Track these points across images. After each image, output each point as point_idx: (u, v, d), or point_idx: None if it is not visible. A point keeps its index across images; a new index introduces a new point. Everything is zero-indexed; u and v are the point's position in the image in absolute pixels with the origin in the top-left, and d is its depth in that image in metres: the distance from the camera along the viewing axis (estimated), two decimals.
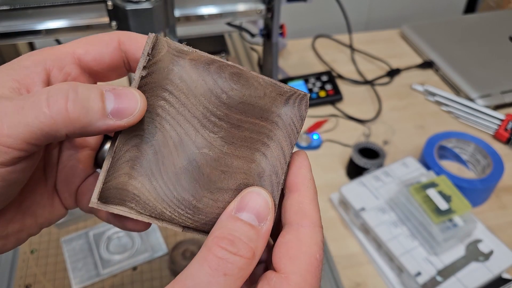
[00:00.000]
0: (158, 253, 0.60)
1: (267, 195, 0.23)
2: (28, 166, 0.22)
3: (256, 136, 0.24)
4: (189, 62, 0.23)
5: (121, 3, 0.55)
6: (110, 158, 0.22)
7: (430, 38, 1.05)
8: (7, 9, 0.60)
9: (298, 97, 0.24)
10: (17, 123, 0.19)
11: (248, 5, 0.70)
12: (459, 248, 0.60)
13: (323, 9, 1.12)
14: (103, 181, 0.22)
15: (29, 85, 0.23)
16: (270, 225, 0.22)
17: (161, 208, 0.23)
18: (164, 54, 0.22)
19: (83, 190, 0.28)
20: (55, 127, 0.20)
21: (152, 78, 0.22)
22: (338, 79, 0.96)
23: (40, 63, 0.23)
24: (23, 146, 0.20)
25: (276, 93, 0.24)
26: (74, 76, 0.25)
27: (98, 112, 0.20)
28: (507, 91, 0.91)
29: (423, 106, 0.91)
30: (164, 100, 0.23)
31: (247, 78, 0.23)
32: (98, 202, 0.22)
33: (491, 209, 0.71)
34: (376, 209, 0.64)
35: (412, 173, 0.69)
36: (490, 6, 1.30)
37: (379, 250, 0.62)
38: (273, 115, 0.24)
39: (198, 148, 0.23)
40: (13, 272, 0.59)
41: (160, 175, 0.23)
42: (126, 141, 0.22)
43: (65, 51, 0.24)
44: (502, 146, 0.83)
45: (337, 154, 0.79)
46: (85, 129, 0.20)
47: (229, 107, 0.23)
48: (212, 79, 0.23)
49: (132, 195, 0.22)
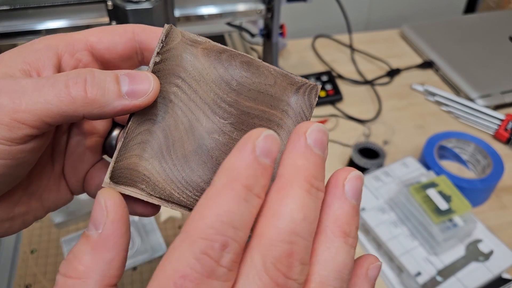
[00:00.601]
0: (158, 253, 0.60)
1: None
2: (38, 146, 0.22)
3: (266, 123, 0.24)
4: (202, 51, 0.24)
5: (121, 3, 0.55)
6: (122, 139, 0.23)
7: (430, 38, 1.05)
8: (7, 9, 0.60)
9: (309, 87, 0.24)
10: (36, 100, 0.20)
11: (248, 5, 0.70)
12: (459, 248, 0.60)
13: (323, 9, 1.12)
14: (115, 160, 0.23)
15: (39, 68, 0.23)
16: None
17: (169, 189, 0.23)
18: (178, 43, 0.24)
19: (91, 176, 0.28)
20: (74, 106, 0.21)
21: (165, 64, 0.23)
22: (338, 79, 0.96)
23: (52, 47, 0.24)
24: (37, 123, 0.21)
25: (287, 82, 0.24)
26: (85, 62, 0.25)
27: (114, 92, 0.21)
28: (507, 91, 0.91)
29: (423, 106, 0.91)
30: (176, 86, 0.24)
31: (257, 67, 0.24)
32: (110, 182, 0.23)
33: (491, 209, 0.71)
34: (376, 209, 0.64)
35: (412, 173, 0.69)
36: (490, 6, 1.30)
37: (379, 250, 0.62)
38: (283, 103, 0.24)
39: (208, 133, 0.24)
40: (13, 272, 0.59)
41: (170, 157, 0.23)
42: (138, 124, 0.23)
43: (78, 38, 0.25)
44: (502, 146, 0.83)
45: (337, 154, 0.79)
46: (103, 109, 0.21)
47: (239, 93, 0.24)
48: (223, 67, 0.24)
49: (142, 176, 0.23)
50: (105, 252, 0.18)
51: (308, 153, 0.18)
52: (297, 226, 0.17)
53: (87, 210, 0.65)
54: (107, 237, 0.18)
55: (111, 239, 0.18)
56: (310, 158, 0.18)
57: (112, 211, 0.19)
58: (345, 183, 0.19)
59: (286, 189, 0.17)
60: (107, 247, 0.18)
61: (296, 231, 0.17)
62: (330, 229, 0.19)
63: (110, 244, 0.18)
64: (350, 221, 0.19)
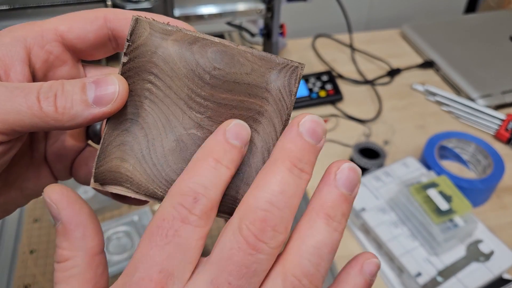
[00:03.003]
0: None
1: None
2: (10, 148, 0.22)
3: (246, 113, 0.23)
4: (172, 43, 0.23)
5: (120, 3, 0.55)
6: (100, 144, 0.23)
7: (431, 38, 1.05)
8: (7, 9, 0.60)
9: (290, 69, 0.23)
10: (9, 110, 0.20)
11: (248, 4, 0.70)
12: (459, 249, 0.60)
13: (323, 9, 1.12)
14: (95, 166, 0.23)
15: (8, 65, 0.22)
16: None
17: (152, 188, 0.23)
18: (146, 37, 0.22)
19: (79, 164, 0.28)
20: (46, 119, 0.21)
21: (135, 62, 0.23)
22: (338, 79, 0.95)
23: (20, 40, 0.23)
24: (8, 131, 0.21)
25: (265, 67, 0.23)
26: (56, 54, 0.24)
27: (81, 102, 0.21)
28: (508, 91, 0.91)
29: (423, 106, 0.91)
30: (150, 83, 0.23)
31: (232, 55, 0.23)
32: (95, 183, 0.23)
33: (491, 209, 0.70)
34: (376, 209, 0.64)
35: (412, 173, 0.69)
36: (491, 6, 1.30)
37: (379, 250, 0.62)
38: (262, 90, 0.23)
39: (186, 129, 0.23)
40: (12, 272, 0.58)
41: (150, 157, 0.23)
42: (116, 126, 0.23)
43: (47, 28, 0.24)
44: (503, 146, 0.82)
45: (337, 154, 0.79)
46: (74, 121, 0.21)
47: (213, 87, 0.23)
48: (195, 60, 0.23)
49: (125, 177, 0.23)
50: (74, 232, 0.21)
51: (297, 139, 0.21)
52: (274, 197, 0.19)
53: None
54: (68, 222, 0.21)
55: (72, 221, 0.21)
56: (298, 143, 0.21)
57: (59, 202, 0.21)
58: (337, 172, 0.21)
59: (271, 167, 0.20)
60: (73, 228, 0.21)
61: (272, 201, 0.19)
62: (315, 211, 0.20)
63: (73, 226, 0.21)
64: (336, 206, 0.20)
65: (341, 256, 0.63)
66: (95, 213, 0.22)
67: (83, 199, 0.22)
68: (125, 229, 0.63)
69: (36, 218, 0.65)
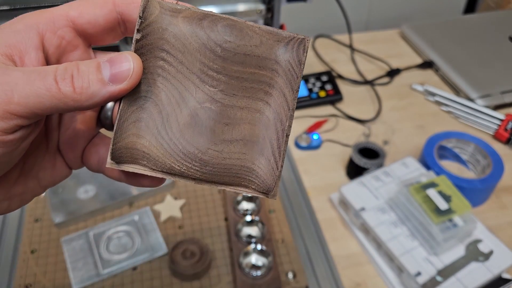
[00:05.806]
0: (158, 253, 0.60)
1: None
2: (30, 133, 0.23)
3: (257, 85, 0.24)
4: (182, 20, 0.23)
5: None
6: (117, 121, 0.23)
7: (430, 38, 1.05)
8: (7, 9, 0.60)
9: (297, 41, 0.24)
10: (28, 93, 0.21)
11: (248, 5, 0.70)
12: (459, 248, 0.60)
13: (323, 9, 1.12)
14: (113, 142, 0.23)
15: (22, 51, 0.23)
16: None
17: (169, 163, 0.24)
18: (157, 15, 0.23)
19: (89, 151, 0.28)
20: (65, 101, 0.21)
21: (147, 40, 0.23)
22: (338, 79, 0.96)
23: (33, 27, 0.23)
24: (29, 114, 0.21)
25: (273, 40, 0.24)
26: (68, 39, 0.25)
27: (97, 81, 0.22)
28: (507, 91, 0.91)
29: (423, 106, 0.91)
30: (162, 60, 0.23)
31: (241, 29, 0.23)
32: (112, 162, 0.23)
33: (491, 209, 0.71)
34: (376, 209, 0.64)
35: (412, 173, 0.69)
36: (490, 6, 1.30)
37: (379, 250, 0.62)
38: (272, 62, 0.24)
39: (200, 103, 0.24)
40: (13, 272, 0.59)
41: (166, 132, 0.24)
42: (131, 103, 0.23)
43: (58, 14, 0.24)
44: (502, 146, 0.83)
45: (337, 154, 0.79)
46: (92, 100, 0.22)
47: (225, 59, 0.23)
48: (205, 34, 0.23)
49: (142, 153, 0.24)
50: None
51: None
52: None
53: (87, 210, 0.65)
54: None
55: None
56: None
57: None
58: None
59: None
60: None
61: None
62: None
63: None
64: None
65: (341, 256, 0.63)
66: None
67: None
68: (125, 228, 0.63)
69: (37, 218, 0.65)
